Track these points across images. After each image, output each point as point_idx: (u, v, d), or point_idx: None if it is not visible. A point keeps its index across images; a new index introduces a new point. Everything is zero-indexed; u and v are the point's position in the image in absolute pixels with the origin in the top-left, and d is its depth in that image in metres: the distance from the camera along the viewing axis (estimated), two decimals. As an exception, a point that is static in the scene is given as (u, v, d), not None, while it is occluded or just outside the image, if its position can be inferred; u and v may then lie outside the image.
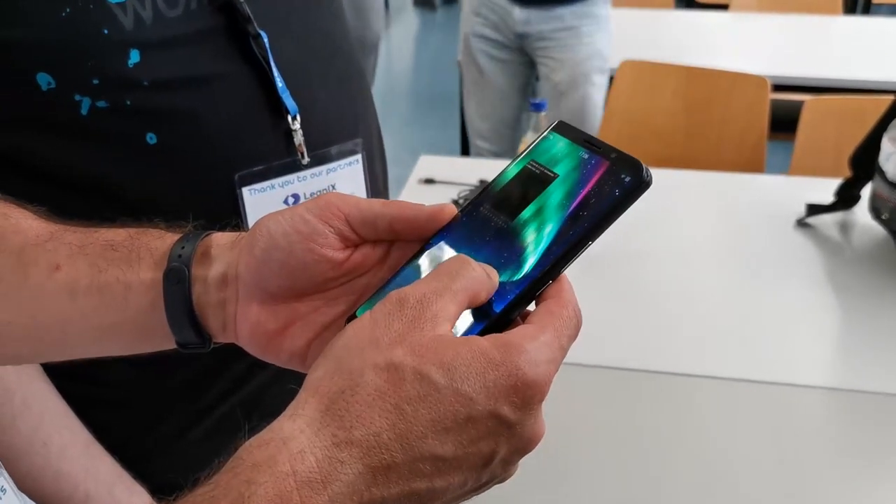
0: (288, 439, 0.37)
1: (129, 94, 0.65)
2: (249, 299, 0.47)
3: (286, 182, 0.75)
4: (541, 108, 1.59)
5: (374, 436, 0.37)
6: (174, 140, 0.68)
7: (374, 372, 0.38)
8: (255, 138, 0.72)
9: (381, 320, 0.40)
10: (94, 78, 0.64)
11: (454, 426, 0.38)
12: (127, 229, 0.51)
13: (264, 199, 0.73)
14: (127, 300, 0.49)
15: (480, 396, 0.38)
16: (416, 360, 0.38)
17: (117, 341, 0.51)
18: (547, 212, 0.45)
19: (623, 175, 0.43)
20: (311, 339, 0.47)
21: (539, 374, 0.39)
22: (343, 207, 0.46)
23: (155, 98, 0.66)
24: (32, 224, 0.52)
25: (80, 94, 0.64)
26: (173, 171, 0.69)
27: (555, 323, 0.41)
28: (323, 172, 0.77)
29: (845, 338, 1.35)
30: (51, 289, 0.49)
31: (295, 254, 0.46)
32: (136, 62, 0.65)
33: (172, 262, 0.48)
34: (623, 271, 1.49)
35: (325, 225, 0.45)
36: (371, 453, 0.37)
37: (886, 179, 1.48)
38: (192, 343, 0.49)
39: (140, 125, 0.66)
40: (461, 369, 0.38)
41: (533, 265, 0.42)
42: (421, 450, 0.38)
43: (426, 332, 0.39)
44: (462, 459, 0.39)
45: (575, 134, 0.47)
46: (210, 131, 0.69)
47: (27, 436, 0.71)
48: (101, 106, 0.64)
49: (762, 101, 2.26)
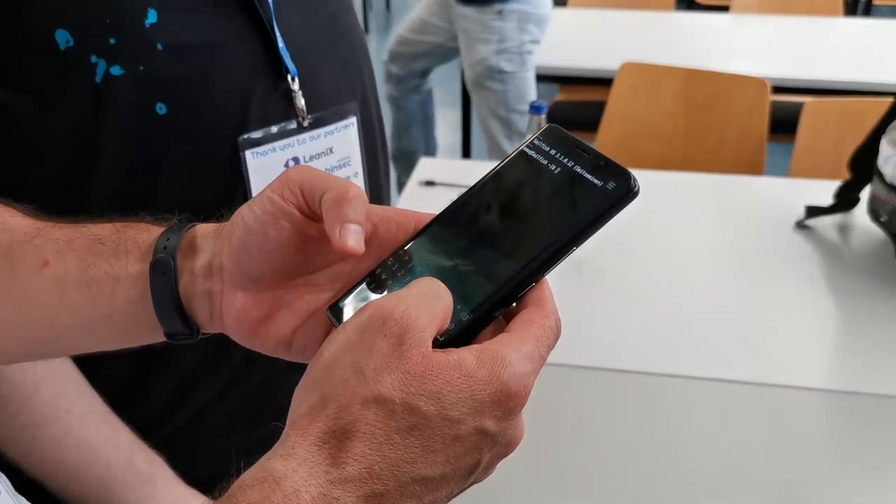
0: (281, 479, 0.37)
1: (143, 59, 0.66)
2: (234, 288, 0.48)
3: (287, 145, 0.76)
4: (540, 110, 1.59)
5: (367, 469, 0.37)
6: (183, 109, 0.68)
7: (363, 406, 0.38)
8: (257, 102, 0.73)
9: (362, 342, 0.39)
10: (112, 37, 0.64)
11: (441, 448, 0.39)
12: (113, 224, 0.52)
13: (266, 161, 0.74)
14: (115, 293, 0.49)
15: (467, 416, 0.39)
16: (405, 394, 0.38)
17: (106, 335, 0.51)
18: (532, 215, 0.45)
19: (610, 184, 0.43)
20: (296, 326, 0.48)
21: (521, 386, 0.40)
22: (296, 179, 0.46)
23: (168, 65, 0.67)
24: (20, 221, 0.52)
25: (97, 56, 0.64)
26: (179, 139, 0.69)
27: (536, 333, 0.41)
28: (321, 135, 0.78)
29: (844, 339, 1.35)
30: (39, 284, 0.50)
31: (269, 235, 0.46)
32: (153, 22, 0.66)
33: (158, 254, 0.48)
34: (622, 273, 1.50)
35: (285, 202, 0.45)
36: (364, 485, 0.37)
37: (885, 182, 1.48)
38: (180, 334, 0.49)
39: (151, 95, 0.67)
40: (450, 396, 0.38)
41: (515, 267, 0.43)
42: (412, 474, 0.38)
43: (412, 357, 0.39)
44: (450, 476, 0.40)
45: (566, 139, 0.47)
46: (217, 99, 0.70)
47: (50, 403, 0.72)
48: (114, 73, 0.65)
49: (762, 103, 2.26)
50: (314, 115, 0.76)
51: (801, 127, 2.16)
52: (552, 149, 0.47)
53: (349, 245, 0.43)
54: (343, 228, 0.43)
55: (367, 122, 0.84)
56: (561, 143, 0.47)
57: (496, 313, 0.43)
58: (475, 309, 0.42)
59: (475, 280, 0.43)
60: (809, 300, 1.43)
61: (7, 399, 0.70)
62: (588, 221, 0.43)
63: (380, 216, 0.47)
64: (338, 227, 0.43)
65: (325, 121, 0.78)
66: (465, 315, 0.42)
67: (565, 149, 0.46)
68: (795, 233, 1.62)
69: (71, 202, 0.68)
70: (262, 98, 0.73)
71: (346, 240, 0.43)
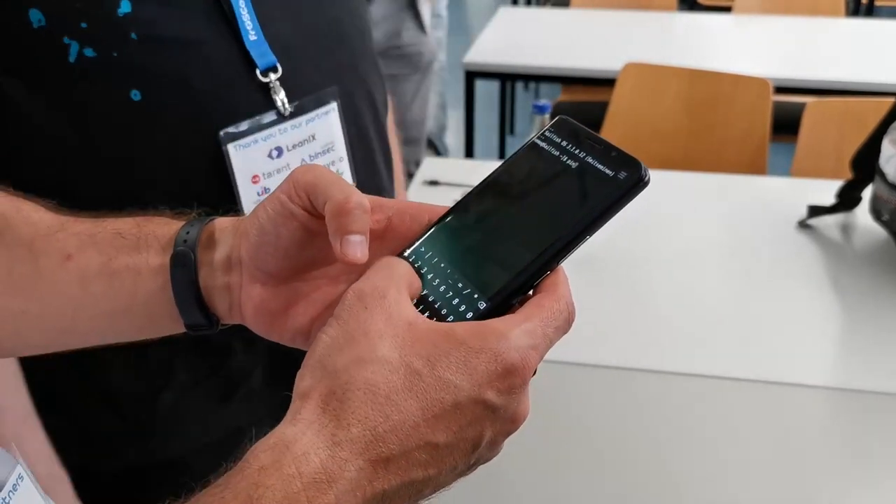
0: (291, 443, 0.38)
1: (116, 45, 0.67)
2: (252, 281, 0.49)
3: (268, 136, 0.76)
4: (543, 110, 1.60)
5: (371, 430, 0.38)
6: (159, 98, 0.70)
7: (360, 366, 0.39)
8: (236, 94, 0.74)
9: (348, 318, 0.41)
10: (83, 21, 0.66)
11: (442, 413, 0.39)
12: (134, 218, 0.53)
13: (249, 153, 0.75)
14: (136, 285, 0.50)
15: (464, 383, 0.40)
16: (399, 352, 0.40)
17: (128, 326, 0.52)
18: (545, 205, 0.45)
19: (622, 173, 0.43)
20: (314, 317, 0.49)
21: (518, 358, 0.40)
22: (301, 182, 0.47)
23: (143, 54, 0.68)
24: (43, 216, 0.54)
25: (69, 38, 0.66)
26: (158, 128, 0.71)
27: (542, 314, 0.42)
28: (302, 123, 0.79)
29: (846, 338, 1.36)
30: (62, 277, 0.51)
31: (281, 235, 0.47)
32: (126, 11, 0.67)
33: (178, 247, 0.50)
34: (625, 272, 1.50)
35: (293, 204, 0.47)
36: (370, 448, 0.38)
37: (887, 181, 1.49)
38: (200, 325, 0.51)
39: (125, 80, 0.68)
40: (441, 359, 0.40)
41: (530, 257, 0.43)
42: (415, 439, 0.39)
43: (396, 321, 0.41)
44: (453, 445, 0.40)
45: (576, 130, 0.47)
46: (195, 92, 0.71)
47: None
48: (88, 55, 0.66)
49: (764, 103, 2.27)
50: (294, 103, 0.77)
51: (803, 127, 2.17)
52: (563, 140, 0.47)
53: (350, 257, 0.44)
54: (344, 241, 0.44)
55: (354, 111, 0.84)
56: (572, 135, 0.47)
57: (513, 301, 0.43)
58: (493, 297, 0.43)
59: (491, 269, 0.44)
60: (812, 299, 1.43)
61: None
62: (601, 211, 0.43)
63: (394, 209, 0.48)
64: (339, 239, 0.44)
65: (304, 108, 0.79)
66: (483, 304, 0.43)
67: (576, 140, 0.47)
68: (798, 232, 1.62)
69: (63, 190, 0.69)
70: (241, 90, 0.74)
71: (347, 252, 0.44)
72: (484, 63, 2.77)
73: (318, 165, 0.48)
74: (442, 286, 0.45)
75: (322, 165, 0.48)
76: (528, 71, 2.88)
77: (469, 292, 0.44)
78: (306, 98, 0.78)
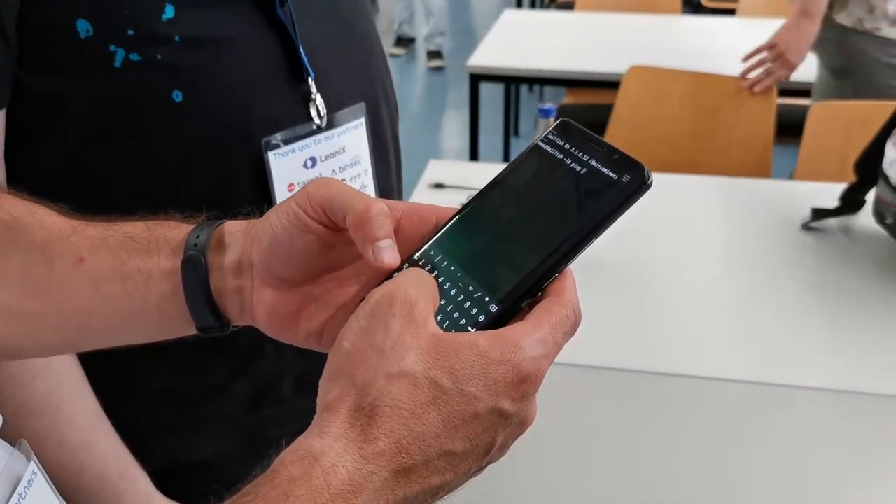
0: (319, 455, 0.39)
1: (160, 48, 0.68)
2: (264, 285, 0.50)
3: (305, 146, 0.78)
4: (548, 114, 1.61)
5: (396, 443, 0.40)
6: (199, 98, 0.71)
7: (387, 381, 0.40)
8: (275, 101, 0.75)
9: (375, 325, 0.42)
10: (129, 28, 0.67)
11: (461, 423, 0.41)
12: (144, 222, 0.54)
13: (287, 162, 0.77)
14: (148, 288, 0.51)
15: (483, 394, 0.41)
16: (424, 367, 0.41)
17: (141, 328, 0.53)
18: (550, 208, 0.46)
19: (625, 176, 0.44)
20: (325, 319, 0.50)
21: (533, 368, 0.42)
22: (317, 197, 0.48)
23: (184, 54, 0.69)
24: (56, 220, 0.55)
25: (115, 45, 0.67)
26: (198, 130, 0.71)
27: (551, 320, 0.43)
28: (335, 135, 0.80)
29: (849, 340, 1.36)
30: (76, 280, 0.52)
31: (295, 245, 0.48)
32: (169, 17, 0.69)
33: (189, 251, 0.51)
34: (630, 275, 1.51)
35: (309, 218, 0.48)
36: (394, 459, 0.40)
37: (890, 184, 1.49)
38: (211, 327, 0.52)
39: (168, 81, 0.69)
40: (464, 371, 0.41)
41: (537, 260, 0.44)
42: (436, 449, 0.40)
43: (423, 335, 0.41)
44: (469, 452, 0.42)
45: (579, 133, 0.48)
46: (233, 92, 0.72)
47: (43, 396, 0.72)
48: (133, 59, 0.68)
49: (768, 107, 2.27)
50: (329, 115, 0.79)
51: (807, 130, 2.17)
52: (566, 143, 0.48)
53: (385, 262, 0.45)
54: (375, 248, 0.45)
55: (377, 123, 0.86)
56: (575, 137, 0.48)
57: (522, 304, 0.44)
58: (503, 300, 0.44)
59: (500, 272, 0.45)
60: (815, 301, 1.44)
61: (2, 385, 0.71)
62: (605, 213, 0.44)
63: (403, 211, 0.49)
64: (369, 247, 0.46)
65: (338, 121, 0.80)
66: (494, 306, 0.44)
67: (579, 142, 0.47)
68: (801, 235, 1.63)
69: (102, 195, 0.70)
70: (280, 97, 0.75)
71: (382, 258, 0.45)
72: (488, 66, 2.78)
73: (332, 179, 0.49)
74: (453, 289, 0.45)
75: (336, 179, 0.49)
76: (533, 74, 2.89)
77: (480, 295, 0.44)
78: (340, 112, 0.80)
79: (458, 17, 6.22)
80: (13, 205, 0.55)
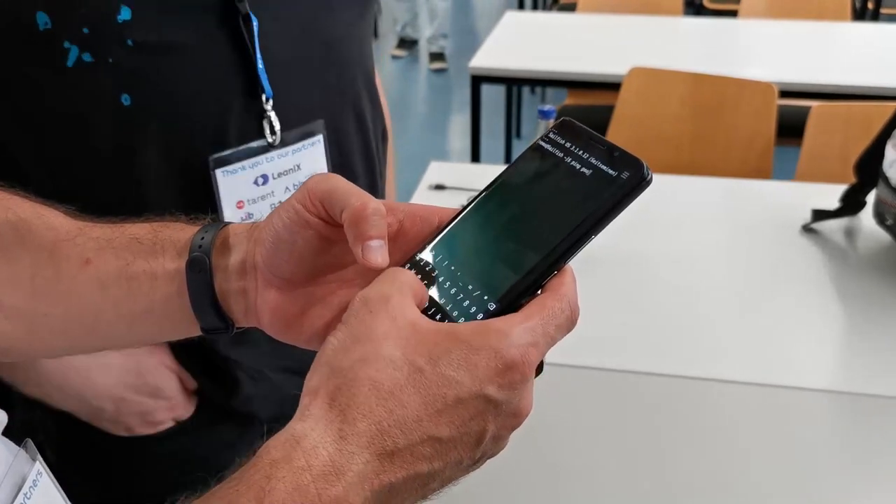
0: (300, 437, 0.40)
1: (112, 50, 0.69)
2: (268, 286, 0.50)
3: (255, 163, 0.77)
4: (549, 115, 1.61)
5: (376, 424, 0.40)
6: (148, 104, 0.71)
7: (364, 365, 0.41)
8: (227, 114, 0.75)
9: (354, 322, 0.43)
10: (85, 26, 0.67)
11: (445, 408, 0.41)
12: (150, 224, 0.54)
13: (236, 179, 0.76)
14: (153, 289, 0.52)
15: (465, 379, 0.41)
16: (403, 351, 0.41)
17: (146, 328, 0.54)
18: (550, 206, 0.46)
19: (625, 173, 0.44)
20: (329, 320, 0.50)
21: (518, 354, 0.42)
22: (316, 192, 0.48)
23: (136, 59, 0.69)
24: (63, 221, 0.55)
25: (70, 42, 0.68)
26: (146, 138, 0.72)
27: (543, 312, 0.43)
28: (289, 153, 0.80)
29: (850, 341, 1.37)
30: (82, 281, 0.53)
31: (297, 242, 0.49)
32: (125, 19, 0.69)
33: (193, 252, 0.51)
34: (630, 275, 1.51)
35: (309, 213, 0.48)
36: (375, 441, 0.40)
37: (891, 185, 1.49)
38: (216, 328, 0.52)
39: (117, 84, 0.70)
40: (443, 356, 0.41)
41: (536, 258, 0.44)
42: (419, 433, 0.41)
43: (401, 324, 0.42)
44: (457, 440, 0.42)
45: (580, 131, 0.48)
46: (184, 101, 0.72)
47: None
48: (85, 59, 0.68)
49: (769, 108, 2.27)
50: (283, 133, 0.78)
51: (807, 131, 2.17)
52: (567, 141, 0.48)
53: (372, 262, 0.46)
54: (365, 247, 0.46)
55: (341, 140, 0.85)
56: (575, 136, 0.48)
57: (521, 301, 0.44)
58: (501, 298, 0.44)
59: (499, 271, 0.45)
60: (815, 302, 1.44)
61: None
62: (604, 211, 0.44)
63: (405, 212, 0.50)
64: (359, 245, 0.46)
65: (291, 139, 0.80)
66: (493, 305, 0.44)
67: (580, 141, 0.48)
68: (802, 236, 1.63)
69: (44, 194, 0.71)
70: (233, 112, 0.75)
71: (369, 257, 0.46)
72: (490, 67, 2.78)
73: (333, 175, 0.50)
74: (452, 288, 0.46)
75: (336, 174, 0.50)
76: (534, 75, 2.89)
77: (479, 294, 0.45)
78: (295, 130, 0.79)
79: (460, 19, 6.22)
80: (20, 206, 0.56)
